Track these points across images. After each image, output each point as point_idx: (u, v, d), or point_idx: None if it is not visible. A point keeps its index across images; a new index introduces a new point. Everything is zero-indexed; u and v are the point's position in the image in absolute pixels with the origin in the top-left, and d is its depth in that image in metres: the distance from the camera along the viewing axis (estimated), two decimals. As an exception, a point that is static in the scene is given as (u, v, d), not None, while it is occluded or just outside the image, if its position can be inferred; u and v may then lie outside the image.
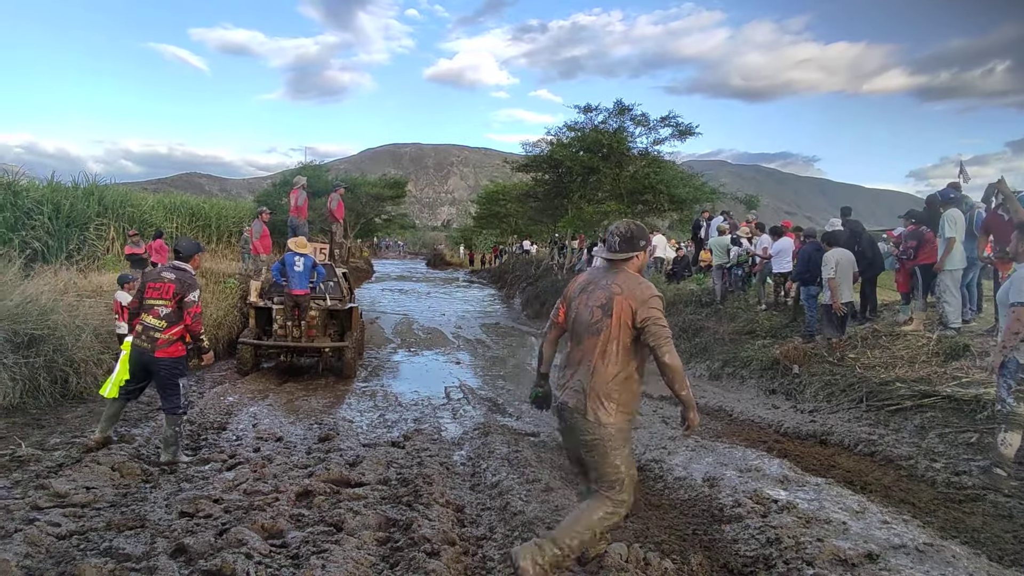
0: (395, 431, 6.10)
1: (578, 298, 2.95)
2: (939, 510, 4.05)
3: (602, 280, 2.90)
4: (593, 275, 3.02)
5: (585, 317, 2.86)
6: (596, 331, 2.80)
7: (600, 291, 2.85)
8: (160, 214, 16.14)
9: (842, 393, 6.79)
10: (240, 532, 3.21)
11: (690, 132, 17.40)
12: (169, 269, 4.75)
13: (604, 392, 2.78)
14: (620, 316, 2.75)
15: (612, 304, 2.77)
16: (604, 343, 2.78)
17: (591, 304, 2.85)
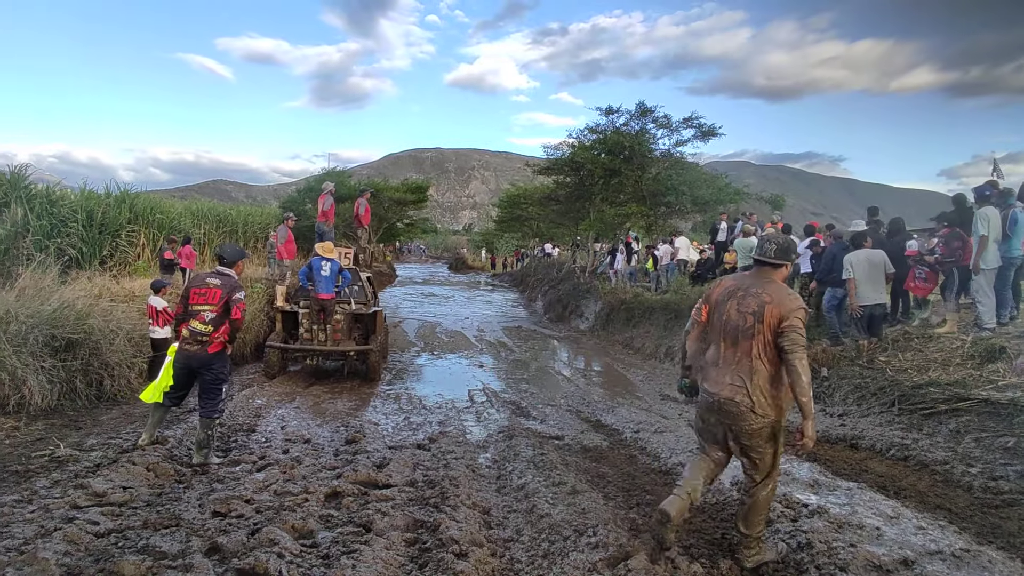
0: (420, 433, 6.14)
1: (728, 303, 3.24)
2: (975, 515, 3.95)
3: (752, 288, 3.20)
4: (741, 282, 3.31)
5: (737, 321, 3.16)
6: (750, 335, 3.11)
7: (751, 299, 3.16)
8: (188, 220, 16.47)
9: (873, 396, 6.66)
10: (272, 532, 3.26)
11: (713, 133, 17.22)
12: (214, 275, 4.87)
13: (764, 389, 3.10)
14: (769, 322, 3.07)
15: (764, 312, 3.09)
16: (760, 346, 3.09)
17: (743, 310, 3.16)
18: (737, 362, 3.15)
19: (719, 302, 3.31)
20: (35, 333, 5.99)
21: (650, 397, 8.39)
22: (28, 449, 4.74)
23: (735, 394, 3.12)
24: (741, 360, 3.14)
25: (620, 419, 6.95)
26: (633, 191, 17.98)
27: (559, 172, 20.68)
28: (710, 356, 3.31)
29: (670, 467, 5.17)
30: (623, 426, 6.64)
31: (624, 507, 4.16)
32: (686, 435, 6.01)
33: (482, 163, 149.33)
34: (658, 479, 4.95)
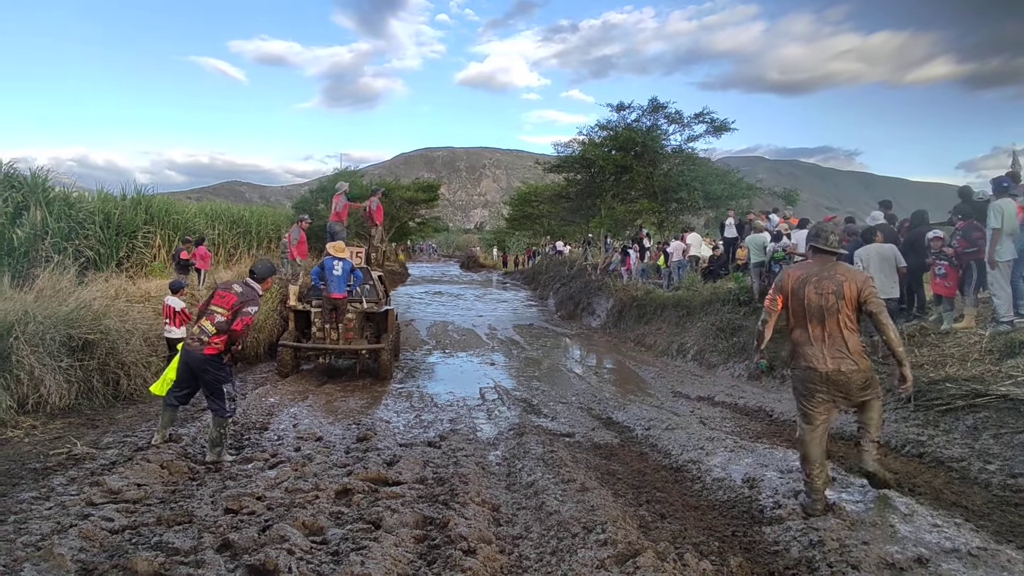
0: (431, 431, 6.16)
1: (804, 289, 3.73)
2: (994, 513, 3.88)
3: (823, 272, 3.73)
4: (808, 270, 3.80)
5: (820, 303, 3.68)
6: (834, 311, 3.65)
7: (828, 281, 3.68)
8: (202, 221, 16.65)
9: (888, 393, 6.55)
10: (282, 528, 3.29)
11: (725, 128, 17.12)
12: (241, 283, 4.94)
13: (857, 351, 3.70)
14: (849, 297, 3.62)
15: (843, 289, 3.63)
16: (845, 319, 3.65)
17: (823, 292, 3.67)
18: (828, 337, 3.68)
19: (795, 290, 3.77)
20: (53, 333, 6.08)
21: (662, 394, 8.35)
22: (46, 447, 4.82)
23: (840, 364, 3.67)
24: (831, 335, 3.68)
25: (631, 416, 6.92)
26: (644, 187, 17.91)
27: (570, 169, 20.66)
28: (800, 337, 3.79)
29: (681, 464, 5.14)
30: (634, 423, 6.62)
31: (634, 504, 4.15)
32: (697, 432, 5.98)
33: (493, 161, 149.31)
34: (668, 476, 4.93)
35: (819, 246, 3.80)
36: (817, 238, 3.83)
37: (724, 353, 10.02)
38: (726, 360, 9.83)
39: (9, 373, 5.59)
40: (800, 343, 3.79)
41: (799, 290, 3.74)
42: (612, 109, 18.13)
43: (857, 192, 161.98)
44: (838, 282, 3.66)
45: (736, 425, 6.44)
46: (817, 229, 3.90)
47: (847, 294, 3.63)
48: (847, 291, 3.64)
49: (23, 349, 5.75)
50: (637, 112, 17.76)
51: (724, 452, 5.19)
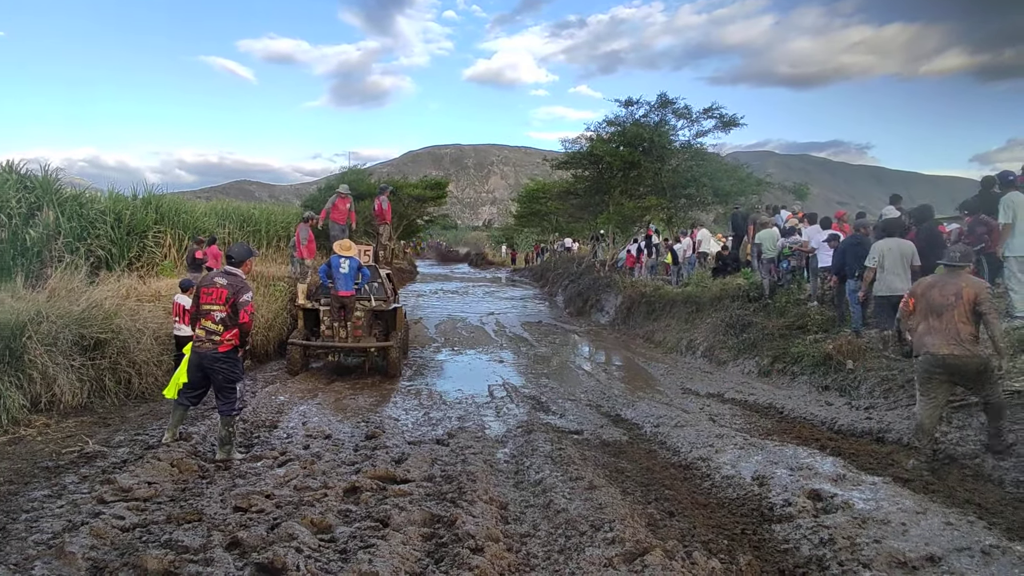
0: (439, 429, 6.17)
1: (929, 293, 4.63)
2: (1007, 511, 3.83)
3: (948, 281, 4.61)
4: (936, 279, 4.75)
5: (940, 301, 4.53)
6: (953, 308, 4.47)
7: (950, 287, 4.55)
8: (212, 220, 16.74)
9: (900, 389, 6.50)
10: (291, 527, 3.31)
11: (734, 123, 16.98)
12: (221, 275, 4.93)
13: (969, 340, 4.45)
14: (966, 298, 4.45)
15: (961, 293, 4.47)
16: (958, 315, 4.45)
17: (946, 293, 4.54)
18: (945, 328, 4.48)
19: (923, 294, 4.68)
20: (65, 333, 6.15)
21: (671, 391, 8.31)
22: (58, 446, 4.87)
23: (955, 349, 4.44)
24: (948, 326, 4.48)
25: (640, 413, 6.90)
26: (652, 183, 17.82)
27: (577, 166, 20.56)
28: (921, 330, 4.64)
29: (690, 461, 5.11)
30: (643, 420, 6.59)
31: (642, 502, 4.13)
32: (706, 429, 5.95)
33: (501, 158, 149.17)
34: (677, 473, 4.91)
35: (946, 263, 4.75)
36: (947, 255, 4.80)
37: (734, 350, 9.96)
38: (736, 356, 9.76)
39: (22, 372, 5.66)
40: (921, 334, 4.65)
41: (927, 294, 4.65)
42: (620, 105, 18.05)
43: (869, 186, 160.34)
44: (959, 288, 4.51)
45: (746, 422, 6.40)
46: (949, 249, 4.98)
47: (965, 297, 4.46)
48: (965, 295, 4.47)
49: (36, 348, 5.81)
50: (645, 108, 17.67)
51: (734, 449, 5.16)
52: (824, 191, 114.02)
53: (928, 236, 7.51)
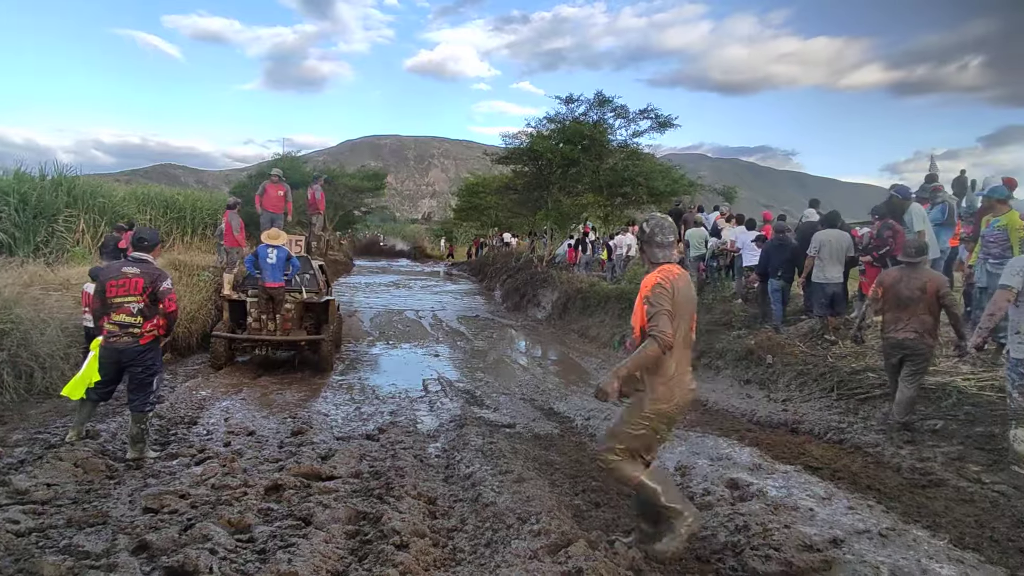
0: (370, 424, 6.06)
1: (896, 286, 5.08)
2: (903, 495, 4.13)
3: (913, 275, 5.04)
4: (901, 273, 5.14)
5: (907, 294, 5.00)
6: (917, 300, 4.95)
7: (915, 280, 5.00)
8: (132, 206, 15.78)
9: (814, 382, 6.88)
10: (205, 527, 3.16)
11: (669, 124, 17.45)
12: (131, 263, 4.63)
13: (929, 330, 5.00)
14: (929, 291, 4.92)
15: (926, 286, 4.94)
16: (924, 307, 4.95)
17: (912, 287, 4.99)
18: (910, 318, 5.00)
19: (891, 286, 5.12)
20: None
21: (603, 385, 8.48)
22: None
23: (911, 335, 4.99)
24: (912, 316, 4.99)
25: (572, 407, 7.01)
26: (590, 181, 18.08)
27: (517, 161, 20.63)
28: (888, 318, 5.16)
29: (618, 454, 5.23)
30: (575, 413, 6.70)
31: (570, 494, 4.20)
32: (635, 422, 6.10)
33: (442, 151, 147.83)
34: (605, 466, 5.01)
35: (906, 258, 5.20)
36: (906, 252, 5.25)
37: (664, 345, 10.27)
38: (665, 351, 10.07)
39: (-96, 366, 5.15)
40: (888, 323, 5.19)
41: (895, 286, 5.09)
42: (561, 102, 18.22)
43: (792, 190, 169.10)
44: (923, 281, 4.99)
45: (672, 415, 6.61)
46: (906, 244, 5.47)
47: (929, 290, 4.96)
48: (929, 288, 4.96)
49: (-80, 340, 5.31)
50: (585, 105, 17.91)
51: (659, 441, 5.32)
52: (752, 194, 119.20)
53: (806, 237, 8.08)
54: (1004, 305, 4.09)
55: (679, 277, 3.01)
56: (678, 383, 3.00)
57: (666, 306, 2.85)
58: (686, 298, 3.01)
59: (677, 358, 2.98)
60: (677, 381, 2.99)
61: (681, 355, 3.03)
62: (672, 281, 2.93)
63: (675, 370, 2.98)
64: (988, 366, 6.05)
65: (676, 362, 2.99)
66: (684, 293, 2.99)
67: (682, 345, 3.01)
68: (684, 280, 3.05)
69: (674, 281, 2.95)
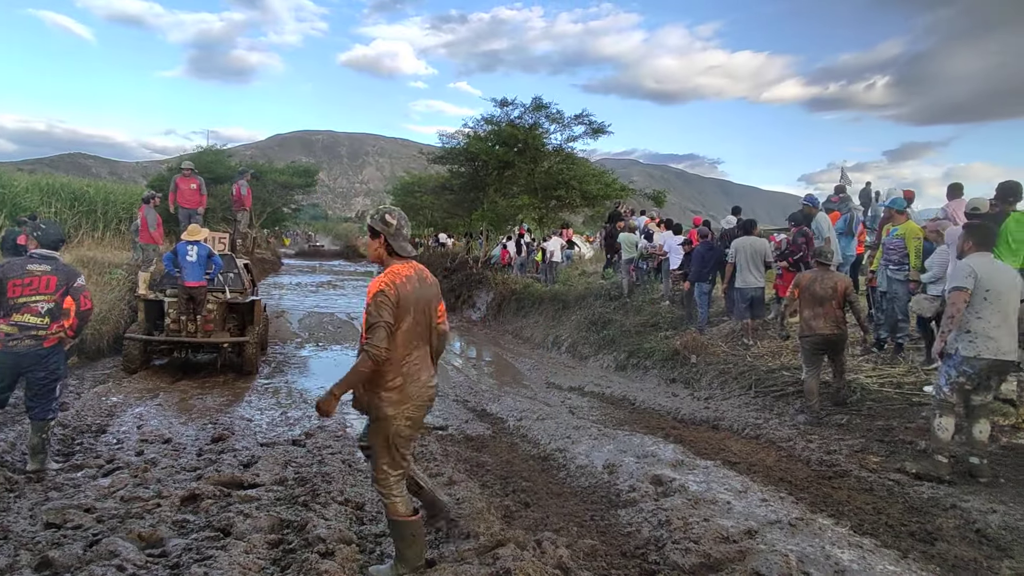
0: (297, 429, 5.88)
1: (812, 286, 5.73)
2: (811, 487, 4.40)
3: (825, 276, 5.78)
4: (814, 275, 5.83)
5: (821, 293, 5.68)
6: (831, 299, 5.66)
7: (828, 281, 5.73)
8: (36, 197, 14.66)
9: (734, 381, 7.23)
10: (112, 543, 2.98)
11: (602, 131, 17.90)
12: (37, 260, 4.28)
13: (842, 321, 5.75)
14: (839, 290, 5.69)
15: (837, 286, 5.69)
16: (835, 304, 5.68)
17: (825, 286, 5.69)
18: (825, 314, 5.66)
19: (807, 287, 5.76)
20: None
21: (536, 385, 8.59)
22: None
23: (831, 329, 5.65)
24: (827, 313, 5.66)
25: (505, 408, 7.05)
26: (526, 183, 18.28)
27: (454, 162, 20.58)
28: (807, 315, 5.75)
29: (548, 453, 5.31)
30: (507, 414, 6.74)
31: (500, 495, 4.22)
32: (566, 421, 6.21)
33: (377, 149, 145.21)
34: (536, 465, 5.08)
35: (820, 260, 5.95)
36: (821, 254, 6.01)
37: (595, 345, 10.51)
38: (597, 352, 10.31)
39: None
40: (807, 319, 5.77)
41: (810, 286, 5.74)
42: (496, 104, 18.32)
43: (718, 197, 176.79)
44: (834, 282, 5.71)
45: (602, 414, 6.77)
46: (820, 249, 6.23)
47: (839, 289, 5.68)
48: (839, 288, 5.68)
49: None
50: (520, 109, 18.08)
51: (588, 440, 5.44)
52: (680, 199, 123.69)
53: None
54: (961, 307, 4.14)
55: (407, 279, 2.82)
56: (410, 385, 2.85)
57: (385, 318, 2.69)
58: (418, 296, 2.84)
59: (406, 363, 2.84)
60: (407, 384, 2.84)
61: (413, 355, 2.87)
62: (397, 286, 2.76)
63: (403, 377, 2.83)
64: (888, 363, 6.55)
65: (404, 367, 2.84)
66: (415, 293, 2.82)
67: (414, 345, 2.87)
68: (415, 278, 2.86)
69: (399, 285, 2.77)
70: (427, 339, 2.96)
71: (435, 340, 3.04)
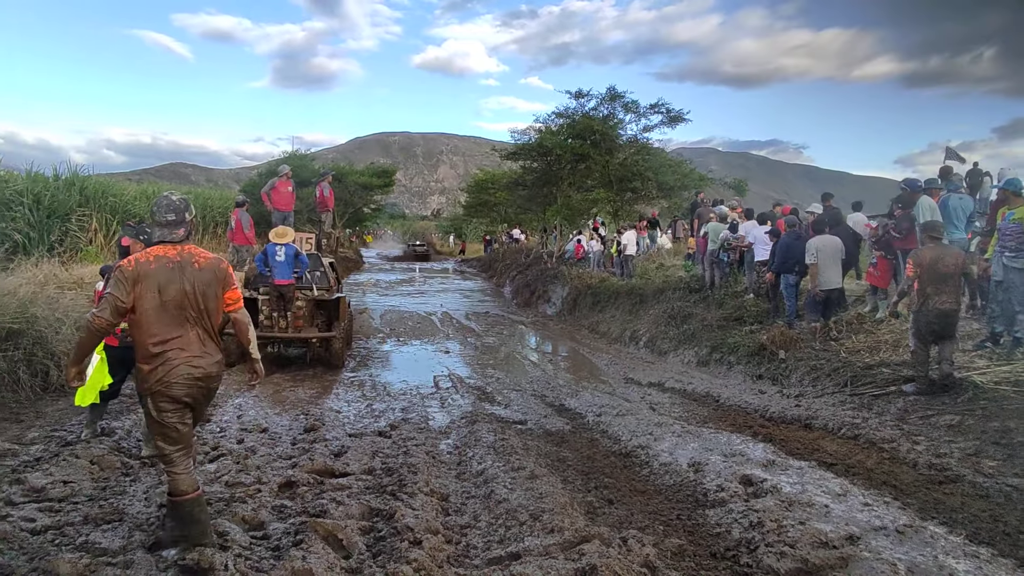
0: (382, 421, 6.07)
1: (935, 263, 5.60)
2: (919, 491, 4.08)
3: (944, 252, 5.71)
4: (935, 252, 5.66)
5: (944, 269, 5.58)
6: (954, 274, 5.62)
7: (948, 256, 5.68)
8: (143, 204, 15.89)
9: (827, 378, 6.83)
10: (220, 524, 3.18)
11: (680, 119, 17.32)
12: None
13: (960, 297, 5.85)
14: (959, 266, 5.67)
15: (958, 261, 5.70)
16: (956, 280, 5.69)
17: (947, 263, 5.62)
18: (948, 290, 5.60)
19: (930, 264, 5.60)
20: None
21: (614, 381, 8.46)
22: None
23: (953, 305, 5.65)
24: (950, 289, 5.62)
25: (583, 403, 6.99)
26: (600, 176, 18.01)
27: (526, 157, 20.57)
28: (928, 291, 5.59)
29: (630, 450, 5.21)
30: (586, 410, 6.68)
31: (582, 490, 4.19)
32: (647, 418, 6.08)
33: (451, 147, 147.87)
34: (617, 462, 5.00)
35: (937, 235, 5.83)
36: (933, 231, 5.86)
37: (675, 340, 10.23)
38: (677, 346, 10.03)
39: (-77, 365, 5.22)
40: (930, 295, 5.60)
41: (933, 264, 5.59)
42: (570, 97, 18.12)
43: (803, 184, 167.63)
44: (958, 256, 5.74)
45: (684, 410, 6.58)
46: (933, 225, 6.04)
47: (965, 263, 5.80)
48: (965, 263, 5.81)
49: (-61, 339, 5.37)
50: (595, 100, 17.81)
51: (672, 437, 5.30)
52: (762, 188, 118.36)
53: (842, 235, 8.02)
54: None
55: (156, 259, 2.93)
56: (168, 361, 2.91)
57: (114, 292, 2.82)
58: (171, 278, 2.92)
59: (163, 342, 2.91)
60: (167, 360, 2.91)
61: (174, 335, 2.94)
62: (140, 263, 2.88)
63: (158, 356, 2.91)
64: (1005, 360, 5.97)
65: (160, 346, 2.91)
66: (163, 276, 2.91)
67: (175, 325, 2.95)
68: (168, 260, 2.95)
69: (142, 264, 2.89)
70: (200, 323, 3.02)
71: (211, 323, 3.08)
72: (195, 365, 2.98)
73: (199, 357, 3.00)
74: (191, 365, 2.96)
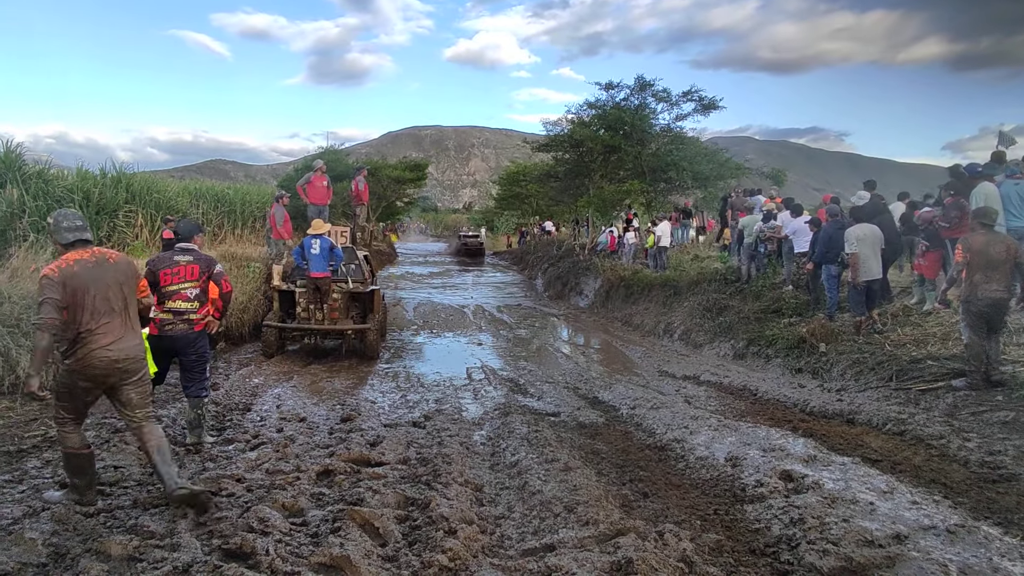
0: (416, 411, 6.13)
1: (986, 250, 5.39)
2: (971, 490, 3.92)
3: (995, 238, 5.49)
4: (987, 239, 5.45)
5: (996, 256, 5.37)
6: (1006, 262, 5.38)
7: (1000, 243, 5.46)
8: (185, 200, 16.35)
9: (871, 371, 6.62)
10: (261, 510, 3.25)
11: (713, 106, 17.00)
12: (180, 252, 4.76)
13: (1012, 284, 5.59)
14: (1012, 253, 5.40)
15: (1010, 248, 5.42)
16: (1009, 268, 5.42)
17: (999, 249, 5.39)
18: (999, 278, 5.38)
19: (981, 250, 5.41)
20: (28, 314, 5.94)
21: (648, 373, 8.37)
22: (21, 430, 4.73)
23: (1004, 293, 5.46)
24: (1002, 276, 5.39)
25: (617, 396, 6.93)
26: (633, 167, 17.81)
27: (558, 149, 20.47)
28: (979, 279, 5.40)
29: (665, 443, 5.15)
30: (620, 402, 6.63)
31: (617, 483, 4.15)
32: (682, 411, 5.99)
33: (482, 140, 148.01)
34: (652, 455, 4.94)
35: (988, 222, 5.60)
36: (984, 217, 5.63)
37: (710, 332, 10.05)
38: (712, 339, 9.86)
39: (-17, 354, 5.47)
40: (978, 283, 5.41)
41: (983, 251, 5.40)
42: (601, 88, 17.97)
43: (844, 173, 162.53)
44: (1008, 244, 5.48)
45: (720, 404, 6.47)
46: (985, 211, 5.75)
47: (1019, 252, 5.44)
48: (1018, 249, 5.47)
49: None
50: (625, 91, 17.60)
51: (708, 431, 5.21)
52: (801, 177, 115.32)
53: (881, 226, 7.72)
54: None
55: (76, 262, 3.25)
56: (86, 346, 3.22)
57: (49, 295, 3.10)
58: (95, 276, 3.27)
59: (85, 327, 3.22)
60: (85, 345, 3.22)
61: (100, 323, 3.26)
62: (63, 269, 3.19)
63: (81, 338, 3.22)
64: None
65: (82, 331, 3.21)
66: (86, 274, 3.24)
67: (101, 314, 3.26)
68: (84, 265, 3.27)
69: (65, 269, 3.20)
70: (122, 310, 3.38)
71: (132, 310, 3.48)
72: (111, 350, 3.29)
73: (119, 341, 3.32)
74: (109, 350, 3.28)
